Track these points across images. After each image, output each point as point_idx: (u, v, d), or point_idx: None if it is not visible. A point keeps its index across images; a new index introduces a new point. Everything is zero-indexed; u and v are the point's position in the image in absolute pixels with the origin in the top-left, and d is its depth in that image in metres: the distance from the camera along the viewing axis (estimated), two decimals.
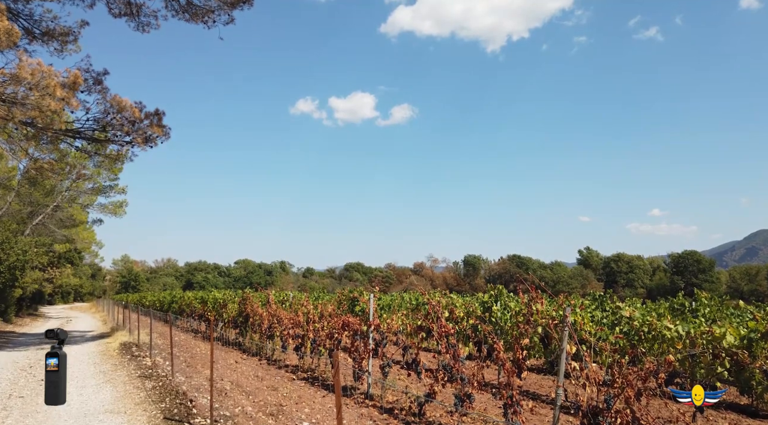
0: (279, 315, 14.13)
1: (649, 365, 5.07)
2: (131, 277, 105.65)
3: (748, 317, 12.14)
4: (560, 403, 5.54)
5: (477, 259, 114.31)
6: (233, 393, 9.60)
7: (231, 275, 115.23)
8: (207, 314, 22.30)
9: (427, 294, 11.48)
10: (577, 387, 5.33)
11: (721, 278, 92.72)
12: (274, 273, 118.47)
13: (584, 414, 5.15)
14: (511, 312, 11.61)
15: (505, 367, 6.45)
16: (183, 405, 8.66)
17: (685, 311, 13.75)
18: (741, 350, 7.00)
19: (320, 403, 8.90)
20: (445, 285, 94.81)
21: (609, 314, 11.47)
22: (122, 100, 16.51)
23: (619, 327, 10.12)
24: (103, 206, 38.91)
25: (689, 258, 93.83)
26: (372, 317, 9.44)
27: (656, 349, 8.61)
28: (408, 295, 26.12)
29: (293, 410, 8.32)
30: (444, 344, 7.44)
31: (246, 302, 17.01)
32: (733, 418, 8.77)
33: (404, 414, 7.98)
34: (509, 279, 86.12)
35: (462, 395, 6.93)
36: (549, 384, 11.40)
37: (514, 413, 6.27)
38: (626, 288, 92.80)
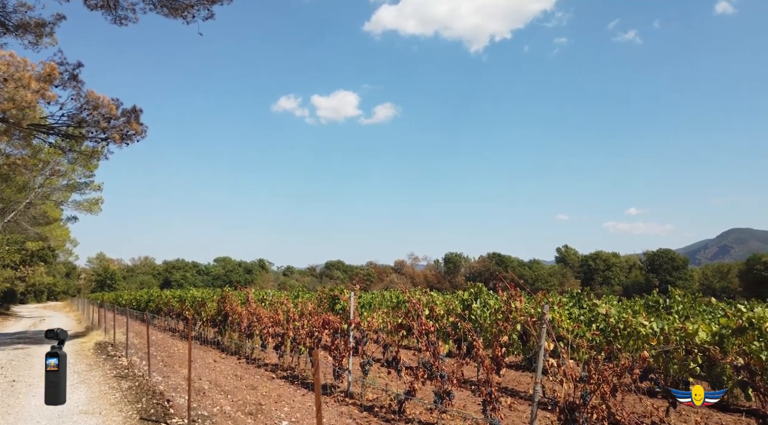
0: (259, 314, 14.03)
1: (624, 361, 5.18)
2: (107, 275, 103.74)
3: (720, 314, 12.44)
4: (538, 399, 5.61)
5: (457, 257, 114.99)
6: (212, 393, 9.50)
7: (210, 274, 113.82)
8: (185, 313, 22.02)
9: (408, 292, 11.51)
10: (554, 383, 5.40)
11: (694, 276, 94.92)
12: (254, 272, 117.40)
13: (561, 410, 5.22)
14: (490, 310, 11.71)
15: (485, 364, 6.51)
16: (160, 405, 8.54)
17: (659, 309, 14.03)
18: (713, 346, 7.17)
19: (300, 402, 8.87)
20: (426, 283, 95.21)
21: (586, 311, 11.65)
22: (98, 96, 16.17)
23: (595, 324, 10.28)
24: (78, 203, 38.01)
25: (664, 256, 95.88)
26: (352, 316, 9.43)
27: (631, 345, 8.77)
28: (389, 293, 26.15)
29: (272, 409, 8.27)
30: (424, 342, 7.47)
31: (225, 301, 16.84)
32: (704, 412, 9.00)
33: (384, 412, 8.00)
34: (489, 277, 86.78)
35: (442, 392, 6.98)
36: (527, 381, 11.53)
37: (493, 410, 6.34)
38: (603, 286, 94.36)
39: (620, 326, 9.19)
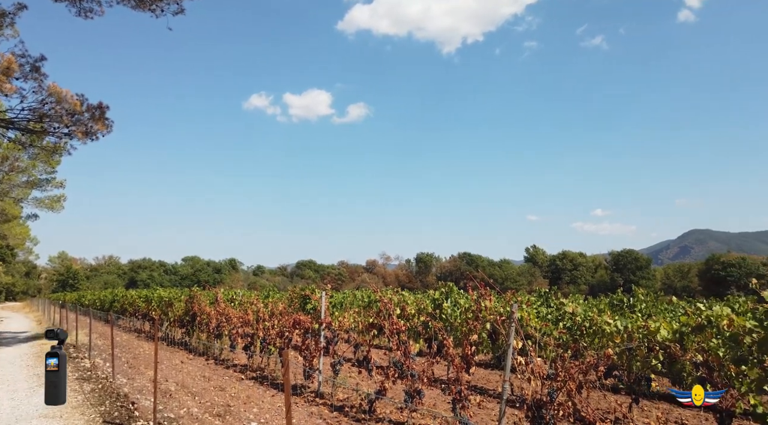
0: (228, 314, 13.83)
1: (589, 359, 5.30)
2: (69, 275, 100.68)
3: (681, 312, 12.86)
4: (506, 397, 5.69)
5: (429, 257, 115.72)
6: (178, 395, 9.31)
7: (178, 274, 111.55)
8: (151, 314, 21.54)
9: (380, 292, 11.53)
10: (522, 381, 5.49)
11: (656, 275, 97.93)
12: (223, 271, 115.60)
13: (529, 407, 5.31)
14: (461, 309, 11.81)
15: (455, 363, 6.58)
16: (124, 407, 8.33)
17: (623, 307, 14.42)
18: (673, 343, 7.40)
19: (269, 403, 8.78)
20: (398, 283, 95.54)
21: (554, 310, 11.89)
22: (61, 90, 15.64)
23: (562, 323, 10.50)
24: (39, 201, 36.66)
25: (628, 256, 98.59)
26: (324, 315, 9.39)
27: (597, 343, 8.99)
28: (360, 293, 26.13)
29: (241, 410, 8.16)
30: (395, 341, 7.49)
31: (193, 301, 16.54)
32: (665, 408, 9.30)
33: (354, 412, 7.99)
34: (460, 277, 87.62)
35: (412, 391, 7.01)
36: (496, 379, 11.70)
37: (462, 408, 6.41)
38: (570, 285, 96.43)
39: (586, 324, 9.41)
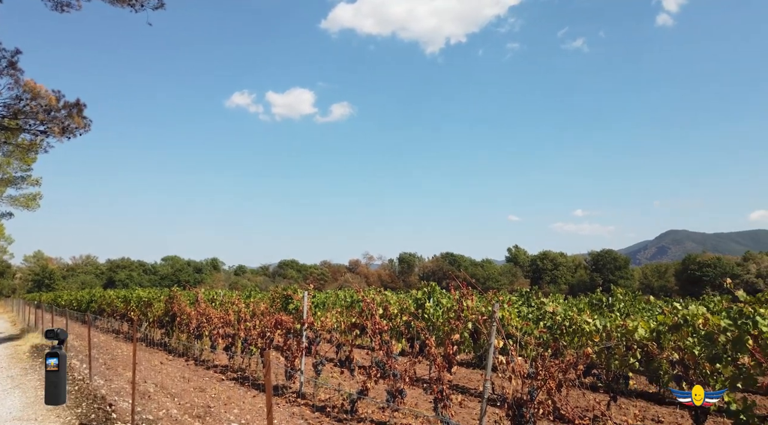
0: (208, 314, 13.68)
1: (569, 357, 5.37)
2: (45, 275, 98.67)
3: (658, 311, 13.12)
4: (487, 396, 5.73)
5: (412, 257, 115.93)
6: (157, 396, 9.18)
7: (157, 273, 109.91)
8: (130, 314, 21.20)
9: (362, 292, 11.52)
10: (503, 380, 5.54)
11: (634, 275, 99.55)
12: (204, 271, 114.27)
13: (509, 405, 5.36)
14: (443, 309, 11.86)
15: (437, 362, 6.60)
16: (101, 409, 8.18)
17: (602, 306, 14.64)
18: (651, 342, 7.54)
19: (250, 403, 8.71)
20: (380, 283, 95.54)
21: (534, 309, 12.02)
22: (37, 86, 15.31)
23: (543, 322, 10.62)
24: (14, 199, 35.82)
25: (607, 256, 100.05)
26: (306, 316, 9.34)
27: (576, 342, 9.11)
28: (343, 292, 26.08)
29: (221, 411, 8.08)
30: (378, 340, 7.49)
31: (173, 301, 16.32)
32: (642, 406, 9.46)
33: (336, 412, 7.97)
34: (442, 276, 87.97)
35: (394, 391, 7.02)
36: (478, 378, 11.78)
37: (444, 407, 6.43)
38: (551, 285, 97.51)
39: (566, 323, 9.53)
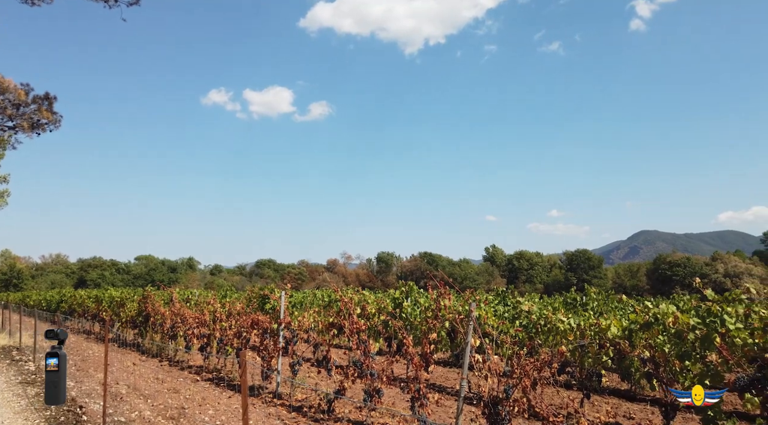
0: (183, 314, 13.47)
1: (544, 356, 5.44)
2: (13, 274, 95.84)
3: (630, 310, 13.40)
4: (464, 394, 5.77)
5: (390, 256, 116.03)
6: (130, 397, 9.01)
7: (131, 273, 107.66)
8: (102, 314, 20.75)
9: (340, 291, 11.49)
10: (480, 378, 5.59)
11: (608, 275, 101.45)
12: (179, 270, 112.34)
13: (485, 404, 5.41)
14: (420, 308, 11.91)
15: (414, 361, 6.62)
16: (71, 412, 7.98)
17: (576, 305, 14.90)
18: (623, 340, 7.69)
19: (226, 404, 8.60)
20: (358, 282, 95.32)
21: (510, 308, 12.15)
22: (5, 80, 14.86)
23: (519, 321, 10.74)
24: None
25: (581, 256, 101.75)
26: (283, 315, 9.28)
27: (551, 341, 9.24)
28: (321, 292, 25.98)
29: (196, 412, 7.97)
30: (355, 340, 7.48)
31: (147, 301, 16.03)
32: (614, 402, 9.66)
33: (313, 412, 7.93)
34: (420, 276, 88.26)
35: (371, 390, 7.02)
36: (455, 377, 11.86)
37: (421, 406, 6.46)
38: (526, 284, 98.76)
39: (541, 322, 9.66)
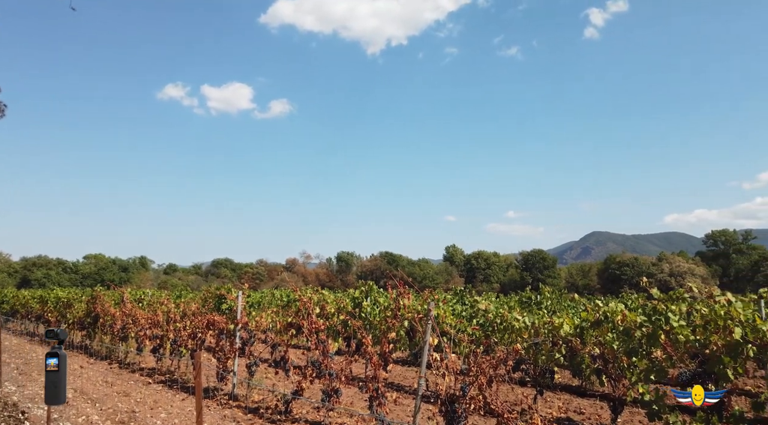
0: (135, 315, 13.04)
1: (500, 353, 5.56)
2: None
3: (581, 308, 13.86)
4: (422, 393, 5.83)
5: (350, 256, 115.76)
6: (77, 402, 8.64)
7: (79, 272, 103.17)
8: (47, 315, 19.81)
9: (299, 291, 11.38)
10: (437, 376, 5.65)
11: (561, 274, 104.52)
12: (130, 270, 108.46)
13: (442, 402, 5.48)
14: (380, 307, 11.95)
15: (373, 361, 6.63)
16: (13, 418, 7.59)
17: (531, 304, 15.29)
18: (575, 338, 7.95)
19: (179, 407, 8.38)
20: (318, 282, 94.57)
21: (468, 307, 12.36)
22: None
23: (476, 319, 10.93)
24: None
25: (536, 256, 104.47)
26: (240, 315, 9.12)
27: (507, 339, 9.45)
28: (279, 292, 25.68)
29: (147, 416, 7.72)
30: (314, 340, 7.43)
31: (96, 302, 15.41)
32: (566, 398, 9.97)
33: (270, 413, 7.83)
34: (380, 275, 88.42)
35: (330, 390, 6.99)
36: (413, 376, 11.95)
37: (379, 405, 6.48)
38: (484, 283, 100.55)
39: (497, 321, 9.86)
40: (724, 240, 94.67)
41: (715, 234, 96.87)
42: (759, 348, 5.25)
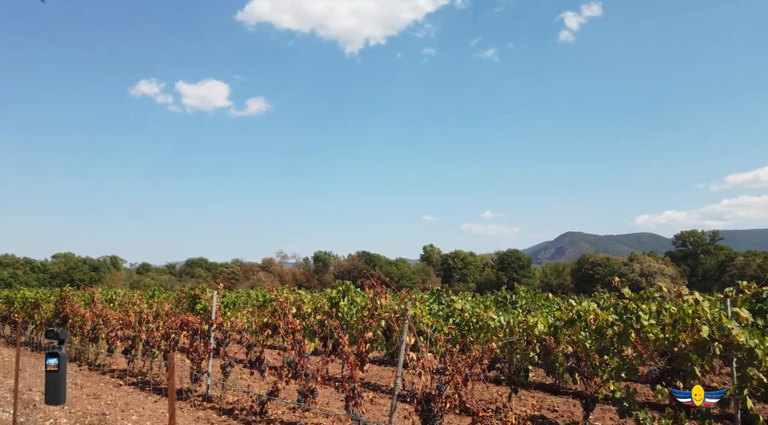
0: (106, 315, 12.75)
1: (475, 353, 5.61)
2: None
3: (555, 307, 14.08)
4: (398, 392, 5.84)
5: (327, 255, 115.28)
6: (44, 405, 8.40)
7: (47, 272, 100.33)
8: (13, 316, 19.24)
9: (275, 291, 11.29)
10: (414, 376, 5.67)
11: (536, 274, 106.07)
12: (102, 269, 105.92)
13: (419, 401, 5.51)
14: (357, 307, 11.92)
15: (349, 360, 6.62)
16: None
17: (507, 303, 15.45)
18: (549, 336, 8.06)
19: (151, 409, 8.23)
20: (295, 282, 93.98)
21: (444, 307, 12.44)
22: None
23: (452, 319, 11.01)
24: None
25: (511, 256, 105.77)
26: (214, 316, 9.00)
27: (482, 338, 9.53)
28: (255, 292, 25.44)
29: (118, 418, 7.56)
30: (290, 340, 7.38)
31: (65, 302, 15.04)
32: (540, 396, 10.12)
33: (245, 414, 7.75)
34: (358, 275, 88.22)
35: (306, 390, 6.95)
36: (389, 375, 11.97)
37: (356, 405, 6.47)
38: (460, 283, 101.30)
39: (473, 320, 9.94)
40: (693, 241, 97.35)
41: (684, 235, 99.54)
42: (725, 346, 5.41)
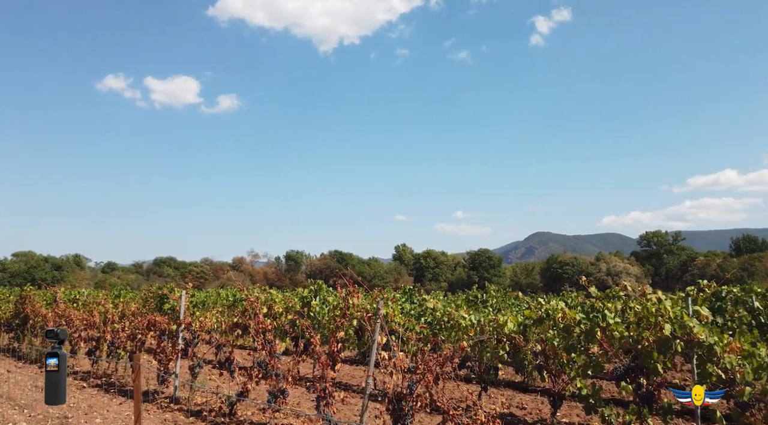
0: (69, 316, 12.36)
1: (446, 351, 5.65)
2: None
3: (525, 306, 14.32)
4: (369, 392, 5.84)
5: (299, 254, 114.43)
6: (3, 408, 8.11)
7: (7, 271, 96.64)
8: None
9: (246, 290, 11.15)
10: (385, 375, 5.68)
11: (506, 273, 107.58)
12: (65, 268, 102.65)
13: (390, 400, 5.52)
14: (329, 306, 11.88)
15: (321, 360, 6.59)
16: None
17: (477, 302, 15.63)
18: (518, 335, 8.19)
19: (116, 411, 8.02)
20: (266, 281, 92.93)
21: (417, 306, 12.50)
22: None
23: (424, 318, 11.08)
24: None
25: (483, 256, 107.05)
26: (183, 316, 8.83)
27: (453, 337, 9.63)
28: (225, 291, 25.08)
29: (81, 421, 7.35)
30: (261, 340, 7.30)
31: (25, 302, 14.52)
32: (509, 394, 10.27)
33: (214, 416, 7.63)
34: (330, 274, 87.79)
35: (276, 391, 6.89)
36: (361, 375, 11.97)
37: (327, 404, 6.44)
38: (432, 282, 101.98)
39: (445, 319, 10.03)
40: (657, 241, 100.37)
41: (648, 235, 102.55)
42: (686, 343, 5.59)
